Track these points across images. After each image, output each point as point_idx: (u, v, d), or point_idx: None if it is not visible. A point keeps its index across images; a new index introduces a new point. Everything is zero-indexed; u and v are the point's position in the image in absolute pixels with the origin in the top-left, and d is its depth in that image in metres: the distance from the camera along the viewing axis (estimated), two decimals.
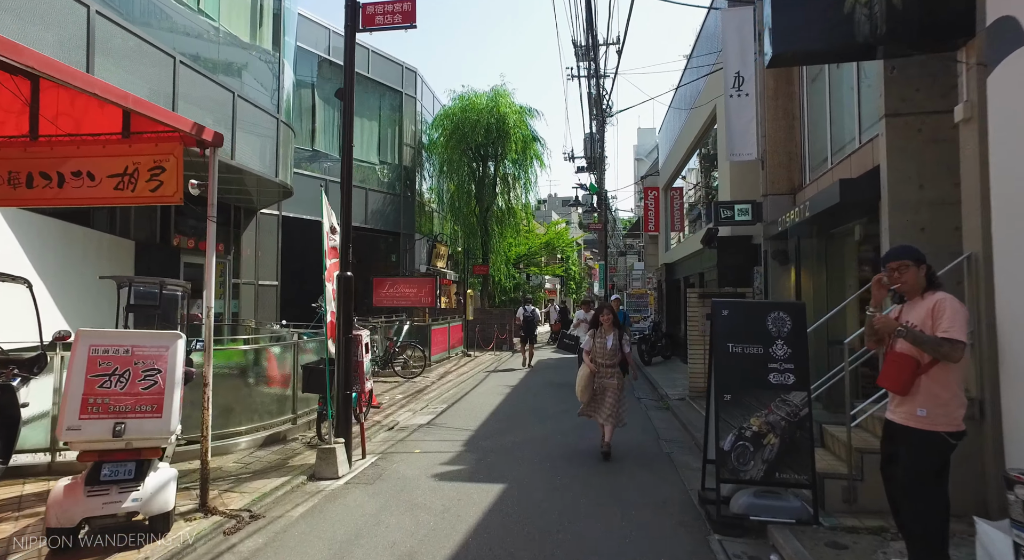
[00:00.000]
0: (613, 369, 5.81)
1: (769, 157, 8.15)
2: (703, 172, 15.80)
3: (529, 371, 13.11)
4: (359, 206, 18.07)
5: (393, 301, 14.17)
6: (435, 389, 10.18)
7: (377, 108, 19.36)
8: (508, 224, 21.21)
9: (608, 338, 5.86)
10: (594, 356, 5.87)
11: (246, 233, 14.51)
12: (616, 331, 5.88)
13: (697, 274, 12.03)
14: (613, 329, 5.89)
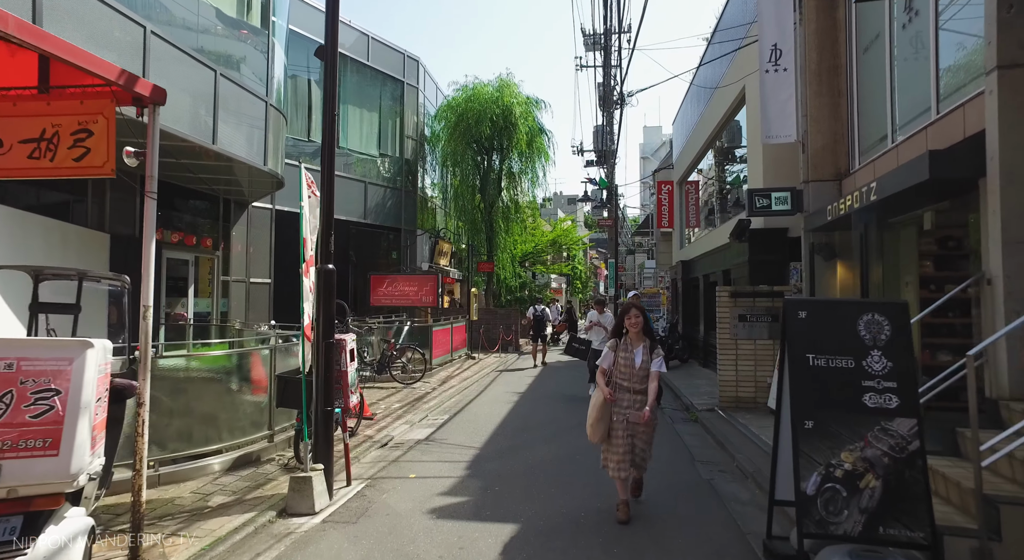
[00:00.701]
0: (642, 398, 4.09)
1: (811, 139, 7.23)
2: (717, 165, 14.88)
3: (538, 376, 12.23)
4: (358, 200, 17.22)
5: (392, 300, 13.30)
6: (436, 397, 9.30)
7: (377, 98, 18.50)
8: (514, 220, 20.32)
9: (637, 353, 4.12)
10: (614, 378, 4.19)
11: (237, 227, 13.67)
12: (647, 343, 4.16)
13: (721, 271, 11.11)
14: (643, 339, 4.16)
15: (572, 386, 10.47)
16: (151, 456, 4.54)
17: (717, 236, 11.51)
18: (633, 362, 4.12)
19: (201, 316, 12.52)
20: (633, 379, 4.12)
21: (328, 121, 4.81)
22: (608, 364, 4.25)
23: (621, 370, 4.18)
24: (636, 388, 4.12)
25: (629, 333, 4.20)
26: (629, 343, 4.20)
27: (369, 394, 9.24)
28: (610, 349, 4.26)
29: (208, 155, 9.22)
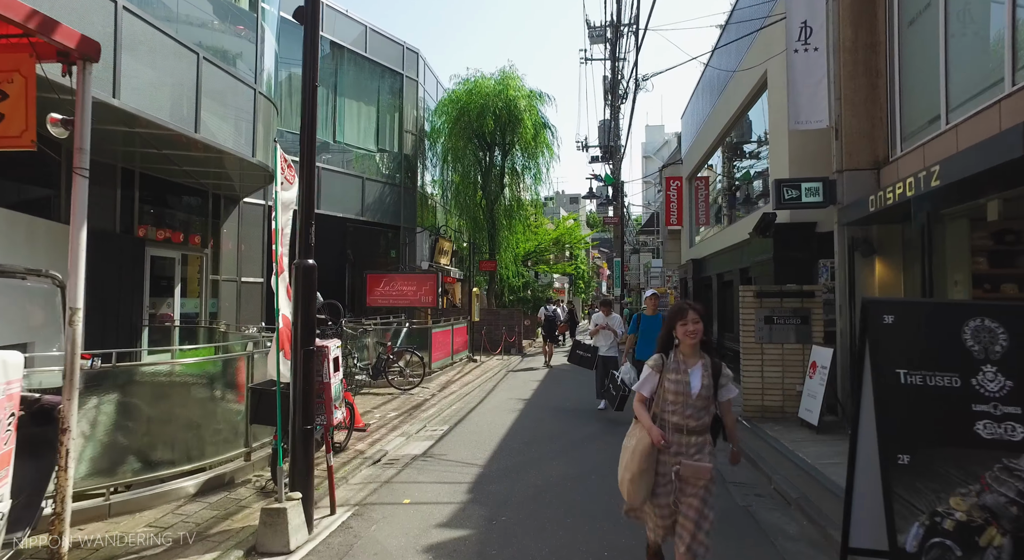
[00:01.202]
0: (699, 440, 2.84)
1: (845, 124, 6.59)
2: (730, 159, 14.23)
3: (543, 380, 11.60)
4: (355, 197, 16.60)
5: (390, 300, 12.68)
6: (435, 404, 8.67)
7: (375, 91, 17.87)
8: (517, 218, 19.68)
9: (693, 374, 2.84)
10: (658, 410, 2.92)
11: (227, 224, 13.05)
12: (707, 361, 2.89)
13: (738, 270, 10.46)
14: (701, 355, 2.90)
15: (580, 392, 9.83)
16: (102, 482, 3.91)
17: (733, 232, 10.87)
18: (688, 388, 2.81)
19: (189, 317, 11.91)
20: (687, 412, 2.79)
21: (308, 92, 4.17)
22: (650, 390, 2.95)
23: (669, 399, 2.84)
24: (691, 426, 2.79)
25: (681, 345, 2.90)
26: (680, 360, 2.88)
27: (364, 402, 8.62)
28: (653, 369, 2.94)
29: (192, 145, 8.61)
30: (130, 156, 9.49)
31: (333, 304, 11.96)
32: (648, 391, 2.97)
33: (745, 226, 9.77)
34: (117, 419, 4.13)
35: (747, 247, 9.59)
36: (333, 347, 4.24)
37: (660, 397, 2.92)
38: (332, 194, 15.79)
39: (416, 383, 9.74)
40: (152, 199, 10.94)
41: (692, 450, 2.79)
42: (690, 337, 2.84)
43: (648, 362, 3.01)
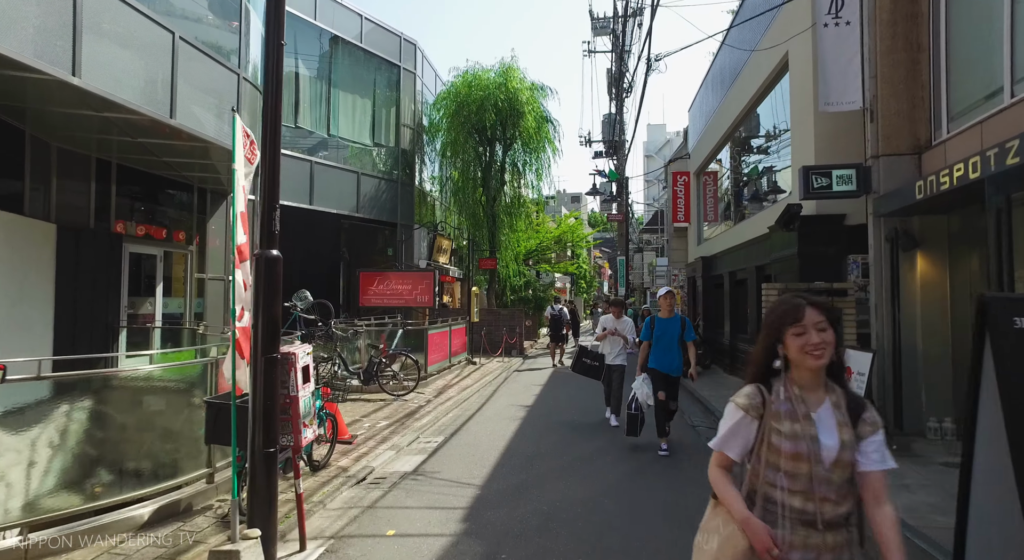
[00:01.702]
0: (843, 539, 1.61)
1: (882, 105, 5.95)
2: (736, 156, 13.60)
3: (546, 384, 10.98)
4: (350, 192, 15.98)
5: (384, 300, 12.06)
6: (430, 411, 8.04)
7: (371, 83, 17.25)
8: (518, 215, 19.05)
9: (822, 420, 1.64)
10: (768, 486, 1.66)
11: (215, 219, 12.44)
12: (840, 397, 1.68)
13: (753, 267, 9.82)
14: (829, 390, 1.69)
15: (586, 397, 9.20)
16: (19, 519, 3.28)
17: (748, 228, 10.23)
18: (817, 446, 1.62)
19: (173, 317, 11.30)
20: (819, 489, 1.60)
21: (273, 50, 3.54)
22: (741, 449, 1.73)
23: (784, 467, 1.63)
24: (827, 515, 1.60)
25: (796, 370, 1.68)
26: (795, 396, 1.67)
27: (353, 409, 8.00)
28: (746, 411, 1.72)
29: (169, 133, 8.00)
30: (106, 146, 8.87)
31: (323, 304, 11.36)
32: (738, 451, 1.72)
33: (762, 221, 9.14)
34: (47, 439, 3.51)
35: (765, 243, 8.96)
36: (302, 354, 3.60)
37: (762, 462, 1.67)
38: (326, 189, 15.18)
39: (411, 388, 9.12)
40: (131, 193, 10.31)
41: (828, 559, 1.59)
42: (815, 355, 1.61)
43: (737, 399, 1.76)
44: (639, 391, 5.96)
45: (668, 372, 5.95)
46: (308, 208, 14.65)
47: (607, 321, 7.36)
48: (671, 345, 5.97)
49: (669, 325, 6.06)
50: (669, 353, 5.96)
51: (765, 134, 10.48)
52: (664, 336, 6.00)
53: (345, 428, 6.32)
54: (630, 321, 7.38)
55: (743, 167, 12.07)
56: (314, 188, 14.84)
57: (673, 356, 5.96)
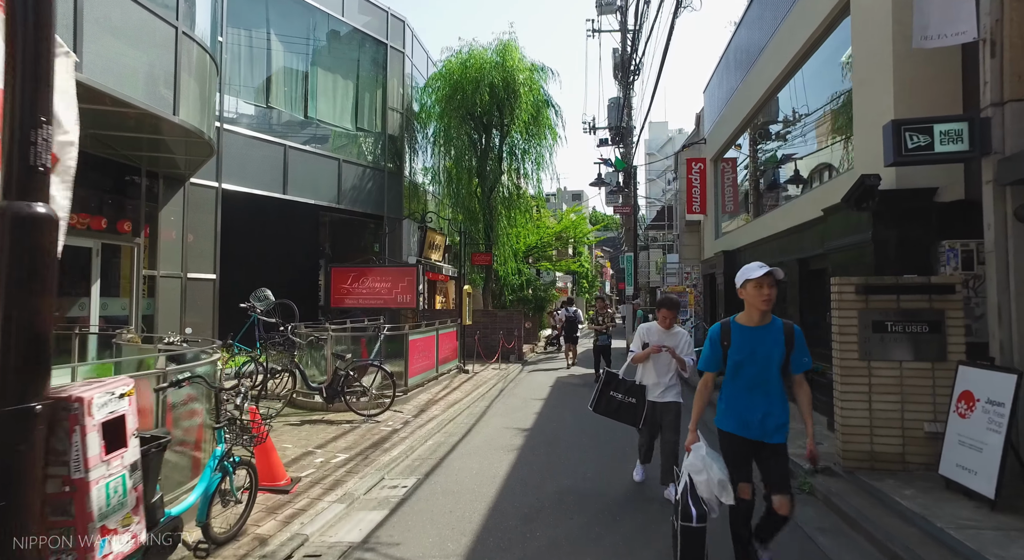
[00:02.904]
0: None
1: (1011, 30, 4.38)
2: (756, 141, 12.06)
3: (550, 398, 9.41)
4: (330, 181, 14.42)
5: (360, 300, 10.50)
6: (405, 438, 6.46)
7: (355, 62, 15.68)
8: (516, 207, 17.48)
9: None
10: None
11: (168, 208, 10.87)
12: None
13: (795, 261, 8.25)
14: None
15: (597, 419, 7.64)
16: None
17: (787, 215, 8.66)
18: None
19: (116, 321, 9.74)
20: None
21: None
22: None
23: None
24: None
25: None
26: None
27: (309, 435, 6.43)
28: None
29: (84, 95, 6.44)
30: None
31: (286, 305, 9.77)
32: None
33: (810, 204, 7.57)
34: None
35: (815, 230, 7.39)
36: (97, 399, 2.01)
37: None
38: (303, 177, 13.62)
39: (386, 405, 7.54)
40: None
41: None
42: None
43: None
44: (700, 477, 3.00)
45: (760, 437, 3.02)
46: (282, 197, 13.10)
47: (649, 332, 4.69)
48: (766, 381, 3.04)
49: (761, 339, 3.06)
50: (761, 397, 3.04)
51: (790, 116, 8.91)
52: (751, 362, 3.04)
53: (281, 469, 4.75)
54: (685, 333, 4.70)
55: (776, 147, 10.49)
56: (288, 175, 13.28)
57: (771, 403, 3.03)
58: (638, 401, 4.64)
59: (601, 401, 4.80)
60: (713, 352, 3.16)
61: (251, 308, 8.94)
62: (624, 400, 4.68)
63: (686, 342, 4.60)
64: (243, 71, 12.79)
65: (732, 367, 3.09)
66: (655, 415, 4.63)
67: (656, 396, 4.62)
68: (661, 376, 4.63)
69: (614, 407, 4.73)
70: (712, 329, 3.24)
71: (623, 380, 4.77)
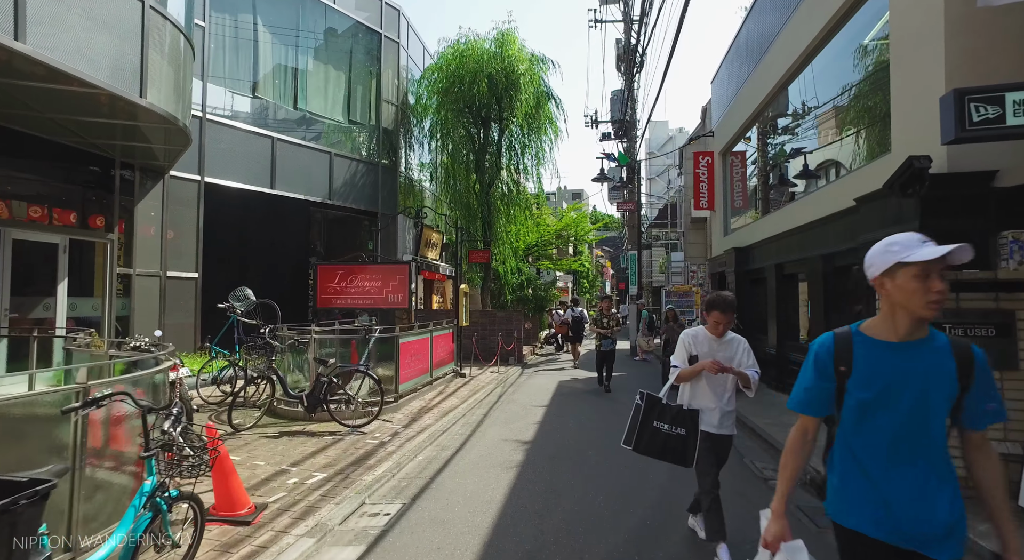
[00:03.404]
0: None
1: None
2: (765, 133, 11.43)
3: (551, 405, 8.76)
4: (321, 176, 13.77)
5: (348, 300, 9.84)
6: (393, 452, 5.81)
7: (347, 52, 15.03)
8: (516, 203, 16.82)
9: None
10: None
11: (146, 203, 10.22)
12: None
13: (818, 257, 7.59)
14: None
15: (605, 429, 7.00)
16: None
17: (809, 207, 8.02)
18: None
19: (88, 322, 9.10)
20: None
21: None
22: None
23: None
24: None
25: None
26: None
27: (286, 450, 5.77)
28: None
29: (44, 75, 5.82)
30: None
31: (268, 305, 9.11)
32: None
33: (838, 194, 6.92)
34: None
35: (843, 222, 6.74)
36: None
37: None
38: (292, 172, 12.97)
39: (373, 414, 6.89)
40: (18, 165, 8.13)
41: None
42: None
43: None
44: None
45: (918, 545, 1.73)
46: (270, 192, 12.44)
47: (697, 341, 3.55)
48: (922, 438, 1.77)
49: (912, 366, 1.78)
50: (915, 467, 1.76)
51: (809, 104, 8.26)
52: (892, 404, 1.77)
53: (243, 495, 4.09)
54: (743, 341, 3.58)
55: (792, 138, 9.84)
56: (277, 169, 12.62)
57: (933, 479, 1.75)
58: (689, 432, 3.43)
59: (642, 436, 3.49)
60: (819, 383, 1.90)
61: (230, 309, 8.30)
62: (672, 432, 3.44)
63: (745, 351, 3.50)
64: (228, 60, 12.14)
65: (855, 411, 1.83)
66: (713, 449, 3.47)
67: (712, 426, 3.47)
68: (718, 398, 3.48)
69: (659, 443, 3.45)
70: (819, 344, 1.93)
71: (668, 405, 3.54)
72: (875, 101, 6.58)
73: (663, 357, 11.10)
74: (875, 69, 6.60)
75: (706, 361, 3.37)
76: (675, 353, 3.62)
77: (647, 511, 4.28)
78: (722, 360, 3.38)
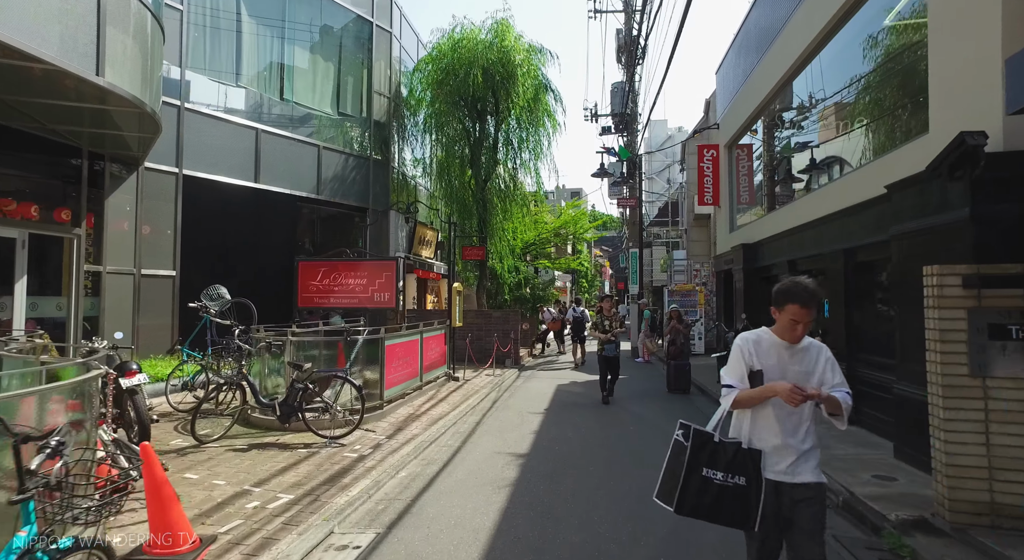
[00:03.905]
0: None
1: None
2: (772, 126, 10.87)
3: (550, 412, 8.15)
4: (309, 169, 13.16)
5: (331, 299, 9.22)
6: (372, 468, 5.20)
7: (337, 42, 14.41)
8: (513, 199, 16.19)
9: None
10: None
11: (118, 196, 9.61)
12: None
13: (839, 252, 6.98)
14: None
15: (611, 438, 6.39)
16: None
17: (831, 196, 7.42)
18: None
19: (52, 323, 8.49)
20: None
21: None
22: None
23: None
24: None
25: None
26: None
27: (253, 466, 5.14)
28: None
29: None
30: None
31: (244, 304, 8.49)
32: None
33: (860, 184, 6.33)
34: None
35: (869, 213, 6.14)
36: None
37: None
38: (278, 165, 12.35)
39: (355, 423, 6.26)
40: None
41: None
42: None
43: None
44: None
45: None
46: (254, 186, 11.82)
47: (760, 349, 2.47)
48: None
49: None
50: None
51: (826, 92, 7.66)
52: None
53: (184, 527, 3.46)
54: (826, 350, 2.50)
55: (805, 128, 9.24)
56: (261, 162, 12.00)
57: None
58: (750, 482, 2.36)
59: (687, 489, 2.38)
60: None
61: (202, 308, 7.67)
62: (728, 482, 2.36)
63: (828, 365, 2.44)
64: (210, 47, 11.52)
65: None
66: (780, 506, 2.39)
67: (780, 470, 2.40)
68: (789, 433, 2.40)
69: (710, 497, 2.36)
70: None
71: (722, 444, 2.42)
72: (902, 82, 5.99)
73: (668, 359, 10.49)
74: (903, 46, 6.00)
75: (780, 384, 2.30)
76: (728, 366, 2.54)
77: (661, 544, 3.67)
78: (797, 377, 2.37)
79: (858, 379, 6.43)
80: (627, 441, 6.41)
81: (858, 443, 5.81)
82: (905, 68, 5.95)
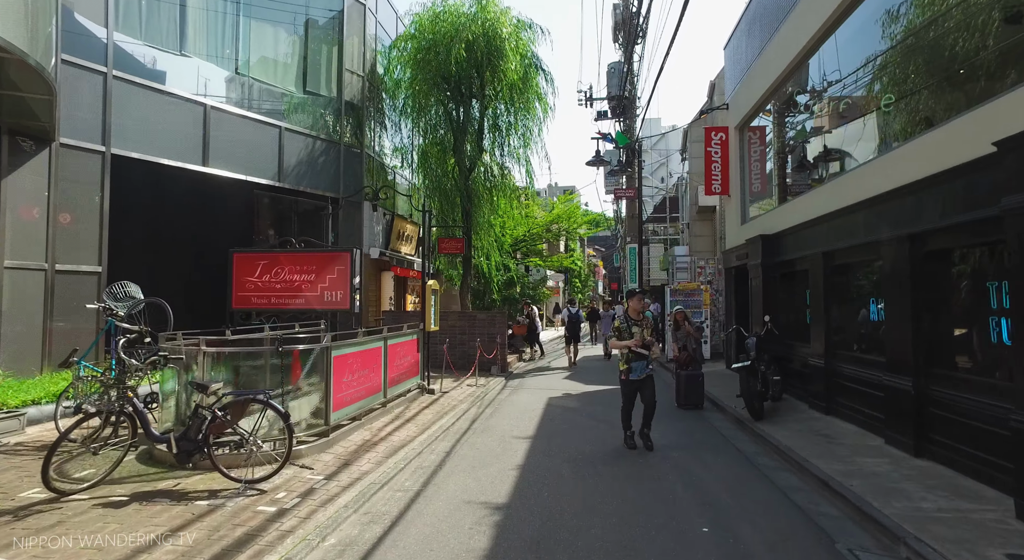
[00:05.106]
0: None
1: None
2: (778, 118, 9.48)
3: (541, 436, 6.67)
4: (269, 153, 11.63)
5: (272, 299, 7.68)
6: (288, 532, 3.69)
7: (303, 11, 12.89)
8: (501, 190, 14.72)
9: None
10: None
11: (21, 177, 8.04)
12: None
13: (904, 237, 5.56)
14: None
15: (607, 472, 4.92)
16: None
17: (889, 169, 5.99)
18: None
19: None
20: None
21: None
22: None
23: None
24: None
25: None
26: None
27: (125, 528, 3.55)
28: None
29: None
30: None
31: (157, 305, 6.96)
32: None
33: (945, 145, 4.91)
34: None
35: (950, 186, 4.72)
36: None
37: None
38: (230, 146, 10.81)
39: (280, 462, 4.75)
40: None
41: None
42: None
43: None
44: None
45: None
46: (201, 170, 10.27)
47: None
48: None
49: None
50: None
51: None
52: None
53: None
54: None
55: (854, 79, 7.83)
56: (211, 142, 10.46)
57: None
58: None
59: None
60: None
61: (108, 311, 6.13)
62: None
63: None
64: (146, 6, 9.97)
65: None
66: None
67: None
68: None
69: None
70: None
71: None
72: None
73: (677, 369, 9.05)
74: None
75: None
76: None
77: None
78: None
79: (932, 400, 5.01)
80: (637, 480, 4.95)
81: (948, 489, 4.37)
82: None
